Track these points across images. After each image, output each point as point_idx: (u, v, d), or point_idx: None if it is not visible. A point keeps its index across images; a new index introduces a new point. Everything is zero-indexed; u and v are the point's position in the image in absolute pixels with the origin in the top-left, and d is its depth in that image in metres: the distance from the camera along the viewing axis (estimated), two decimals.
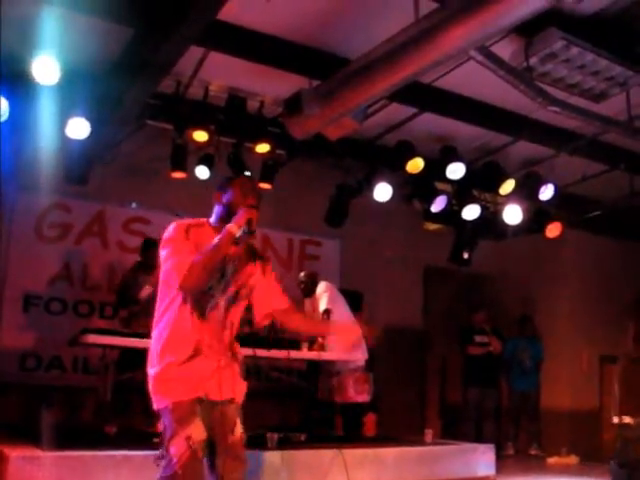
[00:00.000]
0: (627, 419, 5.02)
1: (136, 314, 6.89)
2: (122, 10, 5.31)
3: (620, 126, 6.43)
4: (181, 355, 3.16)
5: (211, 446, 3.18)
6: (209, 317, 3.23)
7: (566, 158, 7.95)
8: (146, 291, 6.89)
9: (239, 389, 3.34)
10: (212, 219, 3.39)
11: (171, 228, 3.24)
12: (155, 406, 3.19)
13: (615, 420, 5.07)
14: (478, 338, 9.25)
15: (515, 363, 9.51)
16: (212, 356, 3.21)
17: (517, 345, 9.53)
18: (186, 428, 3.06)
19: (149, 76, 5.92)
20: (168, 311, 3.24)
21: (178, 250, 3.15)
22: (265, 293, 3.46)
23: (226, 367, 3.26)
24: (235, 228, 3.14)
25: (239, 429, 3.30)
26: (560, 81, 6.07)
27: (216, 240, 3.13)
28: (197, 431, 3.08)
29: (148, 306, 6.92)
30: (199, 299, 3.20)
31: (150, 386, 3.22)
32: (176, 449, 3.03)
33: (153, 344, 3.28)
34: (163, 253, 3.20)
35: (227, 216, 3.26)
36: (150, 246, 7.11)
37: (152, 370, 3.22)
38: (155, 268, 7.10)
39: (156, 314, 3.33)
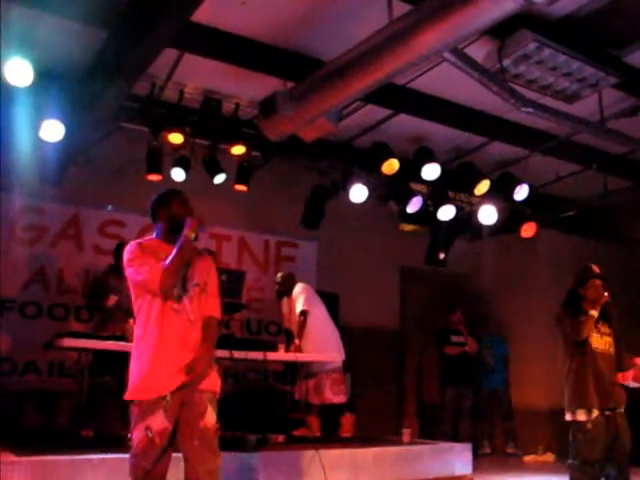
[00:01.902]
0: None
1: (105, 320, 6.83)
2: (96, 12, 5.28)
3: (592, 127, 6.50)
4: (147, 352, 3.56)
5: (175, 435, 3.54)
6: (174, 316, 3.59)
7: (540, 158, 8.03)
8: (112, 300, 6.83)
9: (211, 380, 3.65)
10: (155, 235, 3.86)
11: (127, 250, 3.71)
12: (126, 397, 3.57)
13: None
14: (455, 338, 9.29)
15: (480, 362, 9.56)
16: (178, 353, 3.55)
17: (481, 344, 9.59)
18: (146, 419, 3.45)
19: (124, 78, 5.88)
20: (139, 317, 3.65)
21: (140, 263, 3.61)
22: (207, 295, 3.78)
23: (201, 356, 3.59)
24: (192, 233, 3.62)
25: (211, 418, 3.59)
26: (533, 82, 6.13)
27: (178, 247, 3.59)
28: (157, 421, 3.46)
29: (115, 312, 6.88)
30: (165, 301, 3.59)
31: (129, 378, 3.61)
32: (136, 437, 3.47)
33: (134, 342, 3.68)
34: (130, 271, 3.64)
35: (173, 226, 3.73)
36: (119, 251, 7.08)
37: (131, 364, 3.63)
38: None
39: (135, 323, 3.71)
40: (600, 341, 5.29)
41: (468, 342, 9.24)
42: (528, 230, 8.86)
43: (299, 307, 7.12)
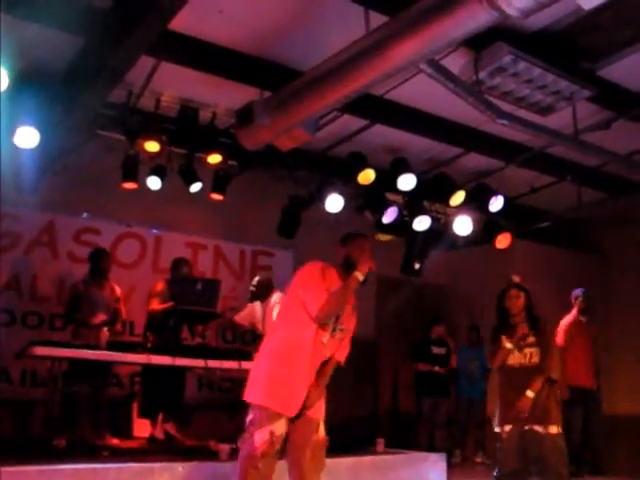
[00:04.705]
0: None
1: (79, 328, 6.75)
2: (73, 19, 5.25)
3: (567, 139, 6.56)
4: (289, 369, 3.94)
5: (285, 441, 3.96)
6: (322, 347, 4.06)
7: (515, 170, 8.09)
8: (99, 318, 6.75)
9: (320, 409, 4.13)
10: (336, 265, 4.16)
11: (309, 268, 4.08)
12: (250, 398, 3.97)
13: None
14: (436, 349, 9.27)
15: (463, 372, 9.55)
16: (309, 378, 4.00)
17: (466, 355, 9.59)
18: (272, 425, 3.85)
19: (100, 85, 5.85)
20: (288, 329, 4.05)
21: (316, 287, 3.95)
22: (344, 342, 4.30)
23: (316, 387, 4.07)
24: (360, 276, 3.97)
25: (323, 432, 4.09)
26: (508, 94, 6.17)
27: (345, 284, 4.00)
28: (279, 428, 3.87)
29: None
30: (319, 328, 4.00)
31: (254, 378, 4.02)
32: (260, 437, 3.84)
33: (272, 346, 4.07)
34: (301, 286, 4.02)
35: (346, 265, 4.09)
36: (99, 255, 7.04)
37: (264, 367, 4.02)
38: (107, 280, 7.03)
39: (279, 327, 4.17)
40: (519, 355, 5.47)
41: (451, 358, 9.27)
42: (503, 241, 8.90)
43: (275, 316, 7.10)
